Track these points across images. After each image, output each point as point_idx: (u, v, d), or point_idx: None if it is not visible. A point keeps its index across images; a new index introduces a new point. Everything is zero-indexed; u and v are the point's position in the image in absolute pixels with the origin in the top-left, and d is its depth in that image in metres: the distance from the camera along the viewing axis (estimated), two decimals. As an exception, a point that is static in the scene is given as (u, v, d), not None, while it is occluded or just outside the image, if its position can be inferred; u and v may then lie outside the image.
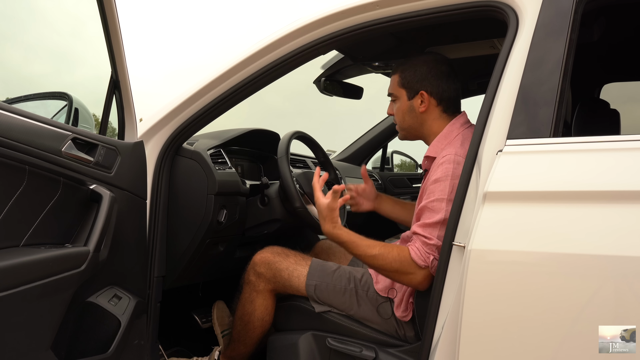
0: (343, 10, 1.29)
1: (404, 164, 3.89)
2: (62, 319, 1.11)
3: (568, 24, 1.06)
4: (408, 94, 1.43)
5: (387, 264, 1.26)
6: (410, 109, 1.44)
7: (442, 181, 1.26)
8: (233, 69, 1.41)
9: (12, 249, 1.02)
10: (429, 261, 1.23)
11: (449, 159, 1.28)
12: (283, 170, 1.64)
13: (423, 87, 1.41)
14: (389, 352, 1.33)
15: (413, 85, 1.42)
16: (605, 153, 0.98)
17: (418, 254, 1.24)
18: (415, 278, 1.25)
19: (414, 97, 1.42)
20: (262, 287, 1.51)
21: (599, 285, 0.91)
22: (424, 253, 1.23)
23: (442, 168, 1.28)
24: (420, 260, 1.23)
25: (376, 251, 1.28)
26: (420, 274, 1.24)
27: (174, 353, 1.74)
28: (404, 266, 1.25)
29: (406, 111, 1.45)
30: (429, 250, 1.23)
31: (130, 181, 1.38)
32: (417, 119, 1.44)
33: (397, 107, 1.47)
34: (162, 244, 1.49)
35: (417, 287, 1.28)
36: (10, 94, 1.96)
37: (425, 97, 1.41)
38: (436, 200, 1.26)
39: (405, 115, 1.45)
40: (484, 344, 0.99)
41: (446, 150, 1.33)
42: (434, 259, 1.23)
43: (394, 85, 1.47)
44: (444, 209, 1.23)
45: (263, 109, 10.88)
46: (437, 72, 1.41)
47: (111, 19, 1.24)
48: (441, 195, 1.25)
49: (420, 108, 1.41)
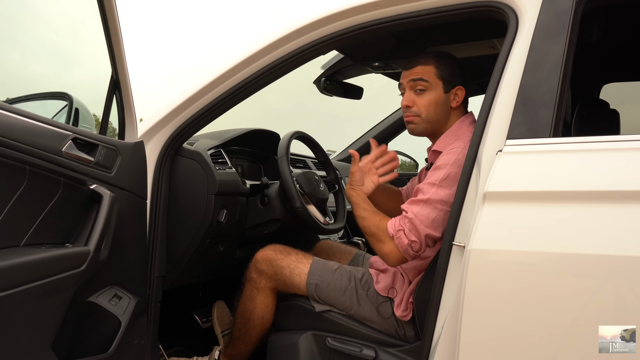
0: (343, 11, 1.29)
1: (404, 164, 3.88)
2: (62, 319, 1.11)
3: (568, 24, 1.06)
4: (445, 87, 1.41)
5: (367, 228, 1.36)
6: (444, 102, 1.41)
7: (441, 168, 1.30)
8: (233, 69, 1.41)
9: (13, 248, 1.03)
10: (395, 232, 1.28)
11: (455, 151, 1.31)
12: (283, 170, 1.65)
13: (461, 83, 1.42)
14: (389, 352, 1.33)
15: (452, 79, 1.41)
16: (605, 153, 0.98)
17: (391, 223, 1.31)
18: (384, 247, 1.32)
19: (450, 90, 1.42)
20: (264, 284, 1.51)
21: (599, 285, 0.91)
22: (397, 224, 1.29)
23: (445, 157, 1.32)
24: (390, 228, 1.30)
25: (366, 214, 1.38)
26: (388, 245, 1.31)
27: (174, 353, 1.74)
28: (378, 232, 1.33)
29: (439, 104, 1.41)
30: (402, 223, 1.29)
31: (131, 181, 1.38)
32: (446, 113, 1.43)
33: (428, 99, 1.40)
34: (162, 244, 1.49)
35: (384, 258, 1.34)
36: (11, 94, 1.97)
37: (461, 94, 1.42)
38: (427, 184, 1.30)
39: (436, 108, 1.40)
40: (484, 344, 0.99)
41: (455, 143, 1.35)
42: (401, 230, 1.28)
43: (429, 75, 1.39)
44: (432, 191, 1.28)
45: (263, 109, 10.88)
46: (467, 69, 1.45)
47: (111, 19, 1.24)
48: (434, 180, 1.29)
49: (453, 103, 1.42)
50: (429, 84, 1.39)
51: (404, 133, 3.07)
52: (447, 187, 1.27)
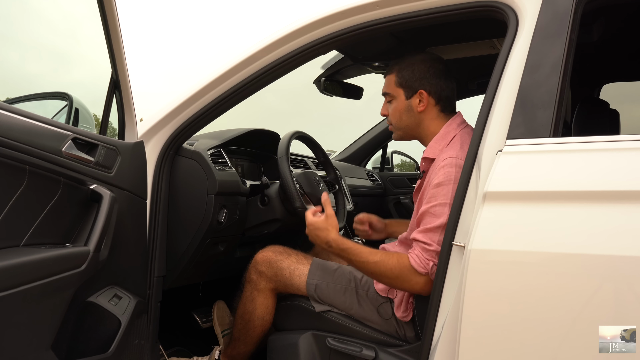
0: (343, 11, 1.29)
1: (404, 164, 3.89)
2: (62, 319, 1.11)
3: (568, 24, 1.06)
4: (406, 93, 1.42)
5: (388, 271, 1.26)
6: (408, 108, 1.42)
7: (445, 185, 1.25)
8: (233, 69, 1.41)
9: (13, 248, 1.02)
10: (428, 268, 1.22)
11: (451, 162, 1.27)
12: (283, 170, 1.64)
13: (422, 86, 1.40)
14: (389, 352, 1.33)
15: (412, 84, 1.41)
16: (605, 153, 0.98)
17: (417, 261, 1.23)
18: (416, 285, 1.24)
19: (412, 96, 1.41)
20: (263, 285, 1.51)
21: (599, 285, 0.91)
22: (424, 260, 1.23)
23: (444, 171, 1.26)
24: (420, 268, 1.22)
25: (378, 257, 1.27)
26: (421, 281, 1.24)
27: (174, 353, 1.74)
28: (404, 273, 1.24)
29: (403, 111, 1.43)
30: (429, 257, 1.22)
31: (131, 181, 1.38)
32: (415, 118, 1.42)
33: (394, 107, 1.45)
34: (162, 244, 1.49)
35: (418, 293, 1.27)
36: (11, 94, 1.97)
37: (424, 96, 1.40)
38: (438, 205, 1.24)
39: (402, 115, 1.44)
40: (483, 344, 1.00)
41: (446, 152, 1.31)
42: (433, 264, 1.22)
43: (390, 85, 1.45)
44: (445, 213, 1.22)
45: (263, 109, 10.87)
46: (435, 70, 1.41)
47: (111, 19, 1.24)
48: (444, 199, 1.24)
49: (419, 107, 1.41)
50: (392, 95, 1.45)
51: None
52: None
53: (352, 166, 3.02)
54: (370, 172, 3.16)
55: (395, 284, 1.28)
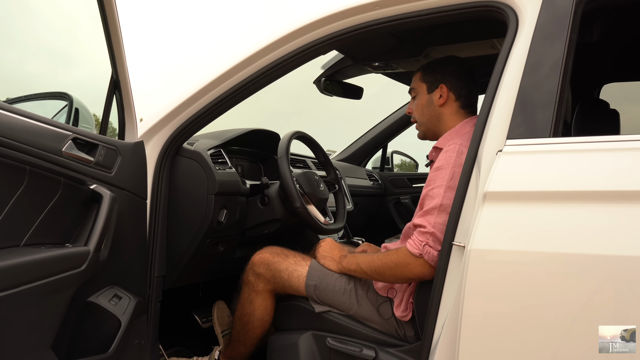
0: (343, 11, 1.29)
1: (404, 164, 3.89)
2: (62, 319, 1.11)
3: (568, 25, 1.06)
4: (428, 88, 1.48)
5: (388, 261, 1.29)
6: (429, 102, 1.47)
7: (444, 169, 1.28)
8: (233, 69, 1.41)
9: (13, 248, 1.03)
10: (422, 249, 1.22)
11: (453, 149, 1.31)
12: (283, 170, 1.65)
13: (443, 81, 1.45)
14: (389, 352, 1.33)
15: (434, 79, 1.47)
16: (605, 153, 0.98)
17: (412, 243, 1.25)
18: (414, 269, 1.25)
19: (434, 90, 1.46)
20: (262, 287, 1.51)
21: (599, 285, 0.91)
22: (418, 242, 1.24)
23: (445, 156, 1.31)
24: (414, 249, 1.23)
25: (374, 255, 1.36)
26: (417, 264, 1.24)
27: (174, 353, 1.74)
28: (401, 258, 1.27)
29: (425, 104, 1.48)
30: (423, 239, 1.23)
31: (131, 181, 1.38)
32: (435, 112, 1.47)
33: (417, 103, 1.51)
34: (162, 244, 1.49)
35: (419, 277, 1.27)
36: (11, 94, 1.97)
37: (445, 91, 1.44)
38: (435, 187, 1.27)
39: (424, 109, 1.49)
40: (483, 344, 0.99)
41: (452, 140, 1.35)
42: (426, 245, 1.22)
43: (415, 81, 1.52)
44: (441, 194, 1.25)
45: (262, 109, 10.89)
46: (458, 70, 1.46)
47: (111, 19, 1.24)
48: (441, 182, 1.27)
49: (439, 101, 1.45)
50: (416, 90, 1.52)
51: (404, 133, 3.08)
52: (454, 187, 1.25)
53: (352, 166, 3.01)
54: (370, 172, 3.16)
55: (396, 273, 1.29)
